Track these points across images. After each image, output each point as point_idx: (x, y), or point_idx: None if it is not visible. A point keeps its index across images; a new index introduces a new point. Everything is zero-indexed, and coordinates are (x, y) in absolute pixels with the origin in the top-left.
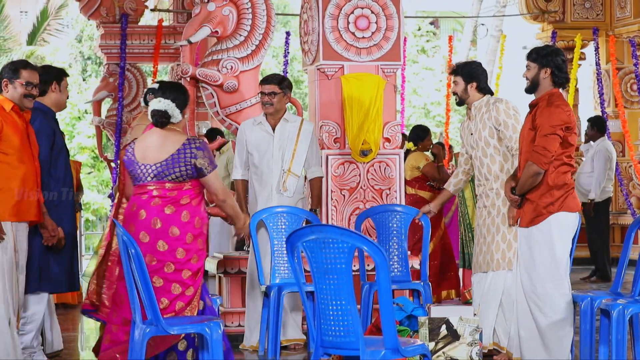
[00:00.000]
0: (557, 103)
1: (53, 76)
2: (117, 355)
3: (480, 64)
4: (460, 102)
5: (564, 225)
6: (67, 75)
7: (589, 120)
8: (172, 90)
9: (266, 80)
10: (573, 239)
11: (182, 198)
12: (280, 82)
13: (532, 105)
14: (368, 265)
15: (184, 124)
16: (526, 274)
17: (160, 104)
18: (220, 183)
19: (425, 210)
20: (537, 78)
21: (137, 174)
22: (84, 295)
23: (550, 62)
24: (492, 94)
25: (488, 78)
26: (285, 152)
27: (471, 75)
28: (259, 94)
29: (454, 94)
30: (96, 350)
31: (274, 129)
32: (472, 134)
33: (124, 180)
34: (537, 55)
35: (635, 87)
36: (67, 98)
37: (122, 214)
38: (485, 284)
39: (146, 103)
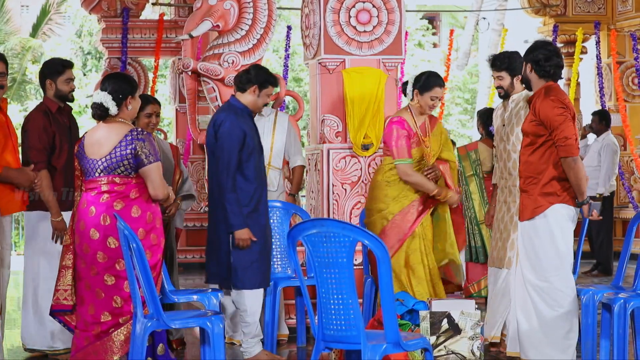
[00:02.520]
0: (552, 94)
1: (257, 80)
2: None
3: (519, 54)
4: (506, 96)
5: (563, 218)
6: (273, 84)
7: (596, 113)
8: (111, 81)
9: None
10: (581, 234)
11: (131, 192)
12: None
13: (528, 101)
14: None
15: (132, 115)
16: (529, 267)
17: (97, 96)
18: (161, 178)
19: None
20: (526, 74)
21: (86, 169)
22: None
23: (529, 57)
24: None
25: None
26: (263, 147)
27: (516, 68)
28: None
29: (499, 88)
30: None
31: None
32: (504, 125)
33: (79, 174)
34: (525, 53)
35: (636, 81)
36: (265, 105)
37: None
38: (500, 280)
39: None
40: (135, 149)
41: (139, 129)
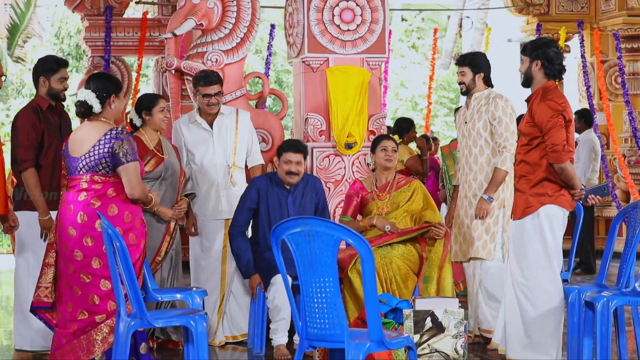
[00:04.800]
0: (550, 97)
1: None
2: None
3: (485, 55)
4: (467, 92)
5: (554, 218)
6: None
7: (576, 112)
8: (95, 80)
9: (210, 81)
10: (574, 234)
11: (108, 190)
12: (221, 80)
13: (527, 101)
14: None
15: (116, 114)
16: (517, 265)
17: (81, 94)
18: (137, 178)
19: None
20: (530, 71)
21: (69, 167)
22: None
23: (540, 54)
24: (492, 86)
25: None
26: (227, 147)
27: (479, 66)
28: (204, 96)
29: (461, 84)
30: None
31: (211, 125)
32: (466, 123)
33: (66, 173)
34: (529, 49)
35: (619, 80)
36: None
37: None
38: (469, 273)
39: None
40: (113, 147)
41: (119, 128)
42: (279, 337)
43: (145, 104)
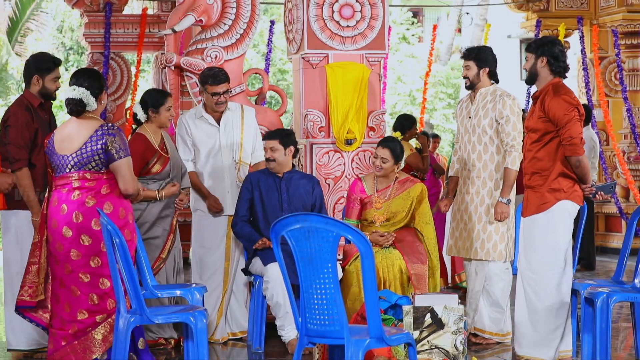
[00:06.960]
0: (562, 92)
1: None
2: None
3: (491, 49)
4: (471, 86)
5: (568, 213)
6: None
7: None
8: (86, 77)
9: (218, 80)
10: (578, 230)
11: (102, 188)
12: (228, 78)
13: (535, 97)
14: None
15: (102, 109)
16: (526, 260)
17: (74, 92)
18: (131, 173)
19: (443, 204)
20: (535, 68)
21: (57, 165)
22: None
23: (546, 51)
24: (498, 81)
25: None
26: (233, 143)
27: (484, 60)
28: (212, 95)
29: (465, 77)
30: None
31: (217, 121)
32: (470, 117)
33: (51, 171)
34: (534, 46)
35: (618, 76)
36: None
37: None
38: (470, 271)
39: None
40: (106, 144)
41: (110, 124)
42: (289, 332)
43: (153, 101)
